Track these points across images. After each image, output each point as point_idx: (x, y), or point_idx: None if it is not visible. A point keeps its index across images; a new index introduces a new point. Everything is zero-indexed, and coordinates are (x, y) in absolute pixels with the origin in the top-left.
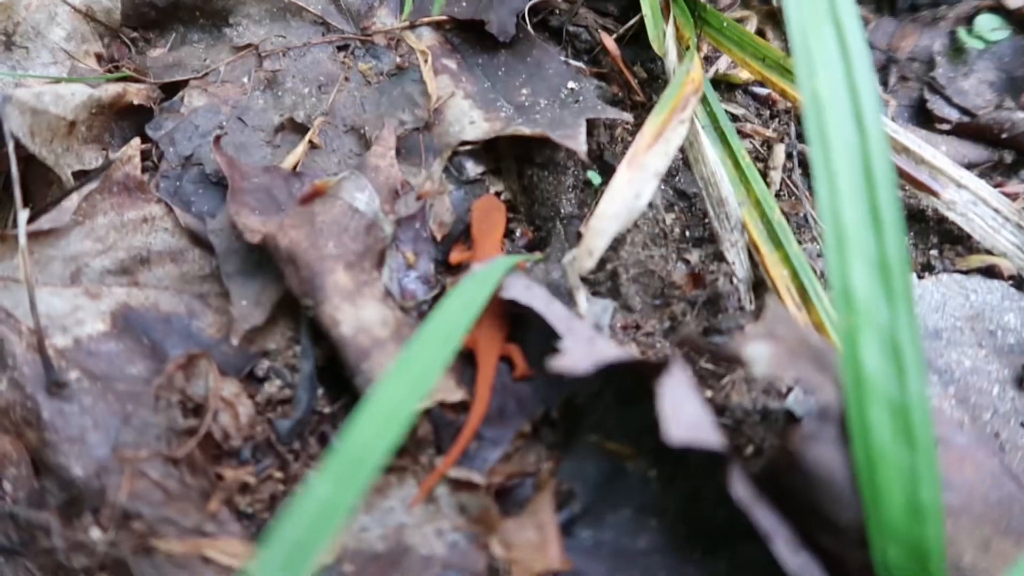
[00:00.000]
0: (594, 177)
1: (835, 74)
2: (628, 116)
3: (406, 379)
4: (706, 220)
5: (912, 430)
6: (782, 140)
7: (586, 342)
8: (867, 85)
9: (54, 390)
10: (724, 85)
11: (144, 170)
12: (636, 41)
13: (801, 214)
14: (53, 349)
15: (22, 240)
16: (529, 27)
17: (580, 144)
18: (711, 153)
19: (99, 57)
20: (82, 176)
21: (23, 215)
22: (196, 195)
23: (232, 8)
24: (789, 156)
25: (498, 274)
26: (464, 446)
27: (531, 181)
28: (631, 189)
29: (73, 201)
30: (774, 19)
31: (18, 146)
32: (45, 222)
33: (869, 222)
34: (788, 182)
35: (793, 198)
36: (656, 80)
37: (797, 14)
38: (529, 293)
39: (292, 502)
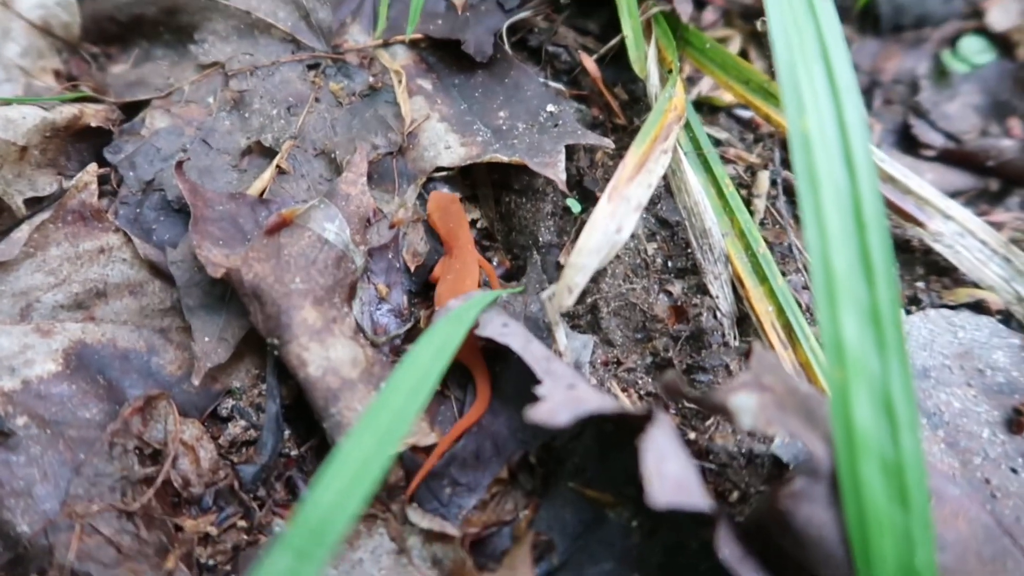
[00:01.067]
0: (573, 205)
1: (824, 113)
2: (609, 142)
3: (377, 430)
4: (689, 250)
5: (906, 489)
6: (766, 166)
7: (565, 388)
8: (857, 125)
9: None
10: (706, 107)
11: (102, 195)
12: (617, 61)
13: (785, 243)
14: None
15: None
16: (507, 47)
17: (559, 173)
18: (695, 182)
19: (57, 74)
20: (35, 204)
21: None
22: (157, 223)
23: (198, 24)
24: (773, 183)
25: (473, 313)
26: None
27: (508, 208)
28: (612, 222)
29: (24, 232)
30: (757, 39)
31: None
32: None
33: (860, 269)
34: (772, 210)
35: (777, 227)
36: (638, 102)
37: (785, 51)
38: (506, 332)
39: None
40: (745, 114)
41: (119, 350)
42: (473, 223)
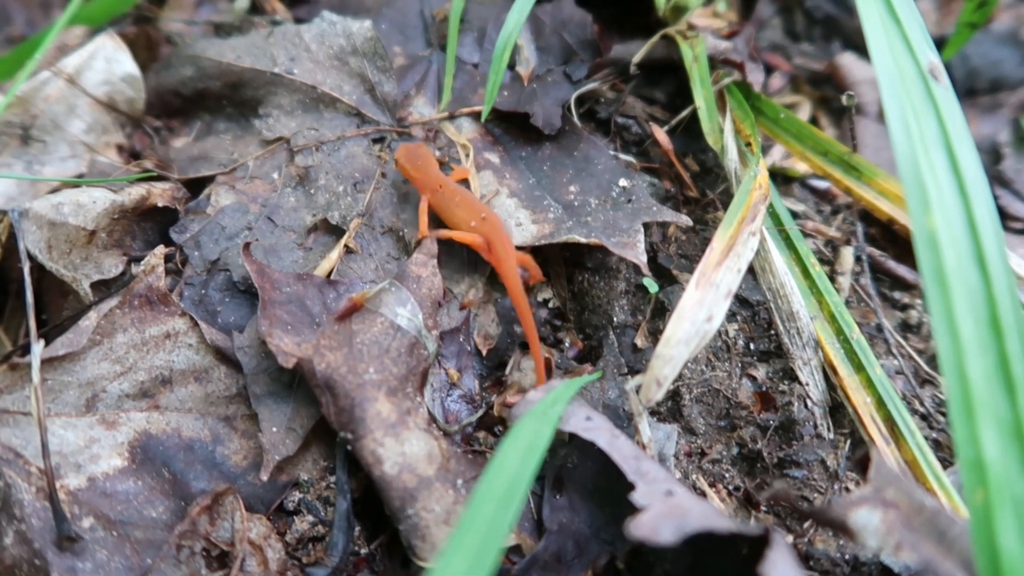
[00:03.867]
0: (650, 285)
1: (951, 210)
2: (687, 219)
3: (467, 554)
4: (772, 331)
5: None
6: (848, 241)
7: (664, 496)
8: (988, 222)
9: (65, 544)
10: (780, 177)
11: (166, 275)
12: (686, 131)
13: (873, 323)
14: (65, 491)
15: (35, 377)
16: (575, 118)
17: (639, 255)
18: (780, 262)
19: (120, 148)
20: (101, 287)
21: (37, 348)
22: (222, 304)
23: (262, 98)
24: (857, 259)
25: (559, 409)
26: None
27: (581, 287)
28: (702, 311)
29: (91, 320)
30: (827, 104)
31: (33, 261)
32: (60, 346)
33: (999, 379)
34: (857, 287)
35: (863, 305)
36: (709, 173)
37: (905, 142)
38: (590, 426)
39: None
40: (820, 184)
41: (184, 440)
42: (544, 302)
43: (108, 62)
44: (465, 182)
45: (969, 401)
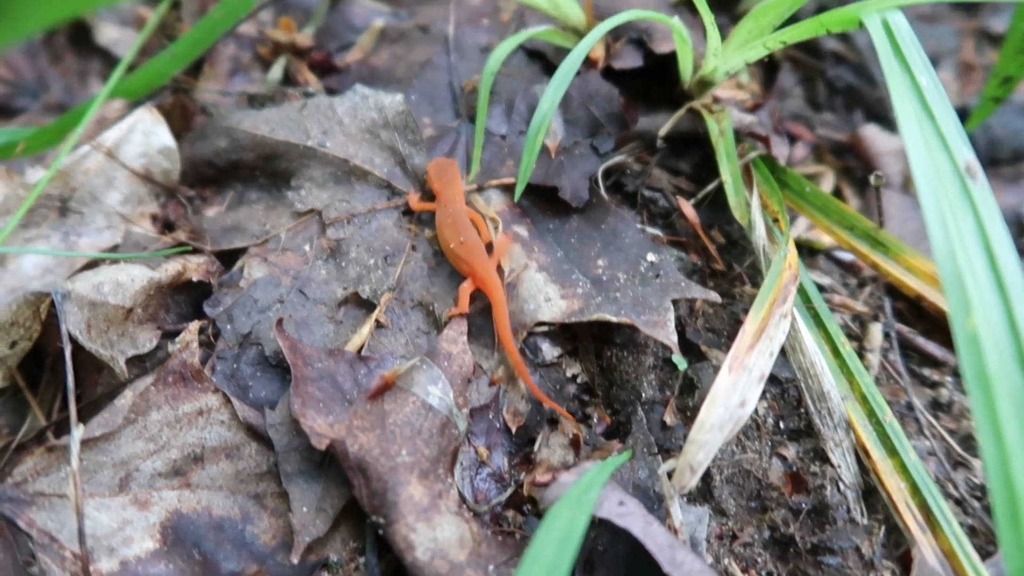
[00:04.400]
0: (680, 363)
1: (993, 311)
2: (715, 295)
3: None
4: (800, 409)
5: None
6: (876, 317)
7: None
8: None
9: None
10: (805, 249)
11: (199, 346)
12: (712, 203)
13: (903, 401)
14: None
15: (74, 463)
16: (603, 191)
17: (670, 334)
18: (810, 341)
19: (154, 217)
20: (135, 361)
21: (76, 434)
22: (254, 378)
23: (295, 170)
24: (886, 336)
25: (594, 495)
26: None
27: (610, 362)
28: (735, 396)
29: (127, 399)
30: (850, 175)
31: (73, 343)
32: (97, 426)
33: None
34: (886, 364)
35: (892, 382)
36: (735, 245)
37: (943, 242)
38: (624, 512)
39: None
40: (846, 256)
41: (214, 519)
42: (573, 378)
43: (146, 135)
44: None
45: (1016, 509)
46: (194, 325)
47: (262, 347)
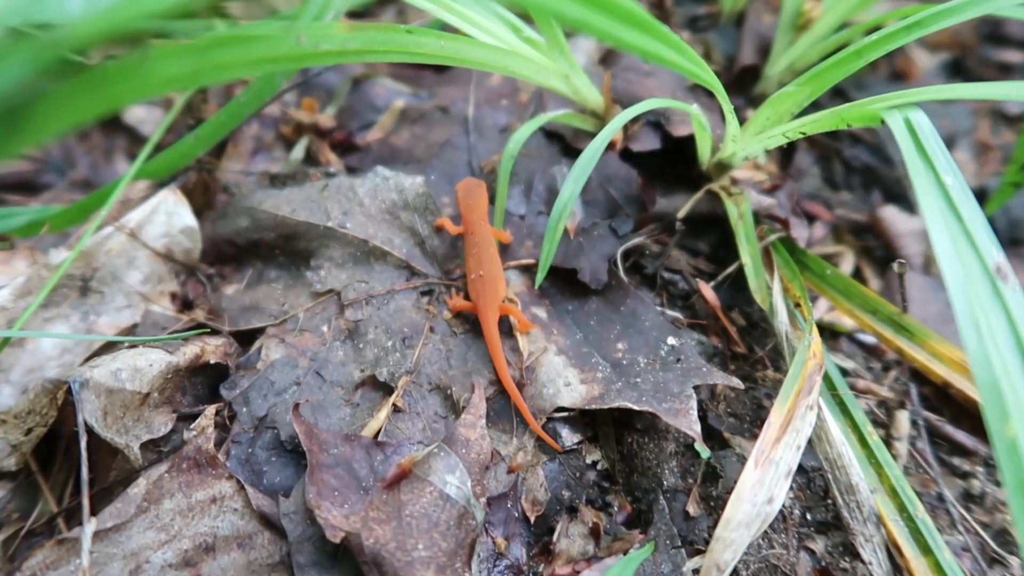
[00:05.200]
0: (702, 451)
1: None
2: (737, 382)
3: None
4: (827, 499)
5: None
6: (903, 404)
7: None
8: None
9: None
10: (827, 332)
11: (215, 428)
12: (732, 284)
13: (933, 492)
14: None
15: (84, 559)
16: (622, 273)
17: (692, 423)
18: (836, 431)
19: (173, 296)
20: (150, 445)
21: (89, 528)
22: (269, 463)
23: (314, 250)
24: (913, 423)
25: None
26: None
27: (630, 448)
28: (762, 492)
29: (140, 487)
30: (870, 255)
31: (89, 432)
32: (109, 517)
33: None
34: (915, 452)
35: (921, 471)
36: (756, 328)
37: (977, 346)
38: None
39: None
40: (868, 339)
41: None
42: (593, 464)
43: (169, 215)
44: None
45: None
46: (210, 410)
47: (278, 431)
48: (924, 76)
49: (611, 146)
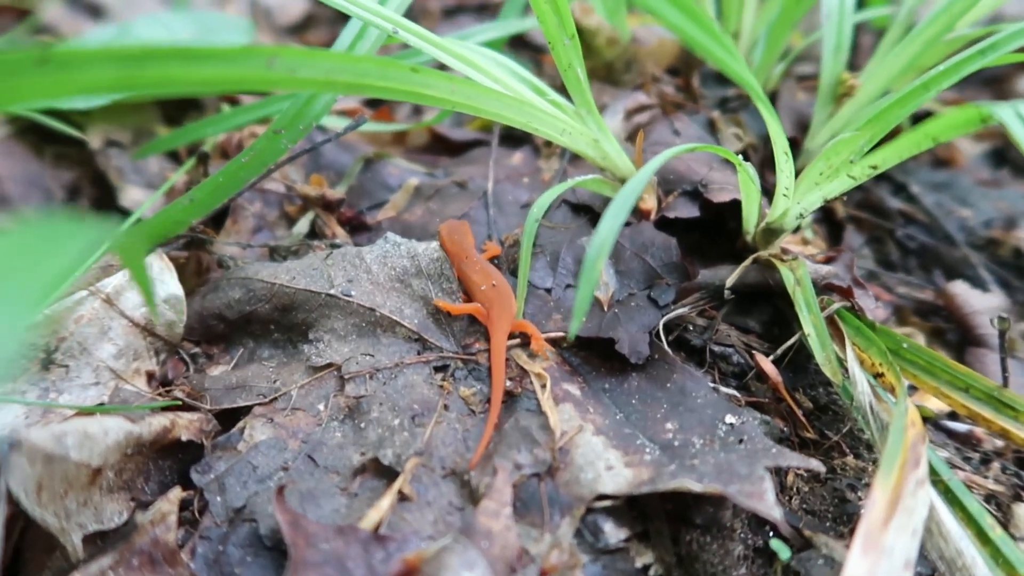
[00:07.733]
0: (781, 549)
1: None
2: (818, 464)
3: None
4: None
5: None
6: (1017, 496)
7: None
8: None
9: None
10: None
11: (179, 524)
12: (790, 364)
13: None
14: None
15: None
16: (666, 345)
17: (770, 506)
18: (952, 525)
19: (150, 376)
20: (96, 539)
21: None
22: (243, 564)
23: (314, 322)
24: None
25: None
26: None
27: (689, 549)
28: None
29: None
30: (941, 337)
31: (15, 506)
32: None
33: None
34: None
35: None
36: (825, 411)
37: None
38: None
39: None
40: (959, 427)
41: None
42: (644, 569)
43: (152, 282)
44: (494, 259)
45: None
46: (175, 493)
47: (257, 524)
48: (967, 163)
49: (645, 216)
